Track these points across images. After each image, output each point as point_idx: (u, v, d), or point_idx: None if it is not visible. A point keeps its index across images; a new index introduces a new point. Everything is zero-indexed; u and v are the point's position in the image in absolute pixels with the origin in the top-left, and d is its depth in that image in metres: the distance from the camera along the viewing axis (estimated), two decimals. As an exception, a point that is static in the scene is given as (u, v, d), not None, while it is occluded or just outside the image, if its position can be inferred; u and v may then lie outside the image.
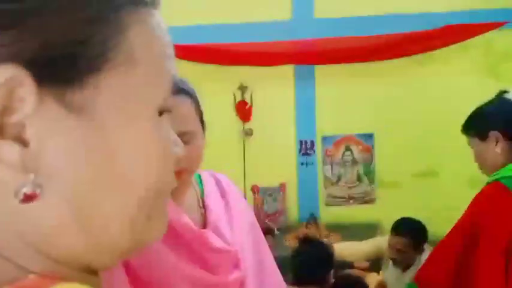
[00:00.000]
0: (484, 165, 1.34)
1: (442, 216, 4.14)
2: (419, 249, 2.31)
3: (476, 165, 1.36)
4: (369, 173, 4.47)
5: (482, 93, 4.53)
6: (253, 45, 4.22)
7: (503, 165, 1.22)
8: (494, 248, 1.08)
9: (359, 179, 4.49)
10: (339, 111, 4.45)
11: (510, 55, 4.20)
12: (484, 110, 1.36)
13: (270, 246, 1.88)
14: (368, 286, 1.89)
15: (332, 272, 2.07)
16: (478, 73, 4.24)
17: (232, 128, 4.49)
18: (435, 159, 4.38)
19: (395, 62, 4.23)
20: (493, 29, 4.02)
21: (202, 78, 4.47)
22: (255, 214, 4.40)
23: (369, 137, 4.46)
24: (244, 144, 4.48)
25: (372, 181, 4.48)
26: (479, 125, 1.34)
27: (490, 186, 1.20)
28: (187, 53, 4.26)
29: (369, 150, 4.46)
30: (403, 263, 2.33)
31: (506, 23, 4.01)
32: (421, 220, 2.45)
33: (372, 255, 2.62)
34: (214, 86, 4.49)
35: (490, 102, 1.37)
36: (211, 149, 4.46)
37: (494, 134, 1.27)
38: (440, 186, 4.36)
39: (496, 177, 1.20)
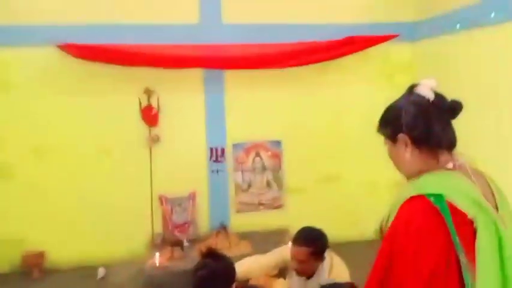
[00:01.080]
0: (398, 167, 1.21)
1: (344, 220, 4.39)
2: (320, 258, 2.30)
3: (375, 170, 1.32)
4: (278, 179, 4.55)
5: (381, 101, 4.94)
6: (159, 47, 4.04)
7: (418, 171, 1.12)
8: (418, 273, 0.98)
9: (268, 185, 4.54)
10: (248, 118, 4.46)
11: (404, 65, 4.61)
12: (391, 109, 1.20)
13: (178, 258, 1.79)
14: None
15: (234, 286, 1.99)
16: (377, 81, 4.58)
17: (137, 133, 4.24)
18: (337, 164, 4.60)
19: (302, 69, 4.37)
20: (385, 41, 4.35)
21: (105, 80, 4.18)
22: (163, 225, 4.22)
23: (277, 143, 4.53)
24: (150, 151, 4.26)
25: (280, 187, 4.55)
26: (388, 125, 1.19)
27: (416, 200, 1.05)
28: (88, 52, 3.94)
29: (278, 157, 4.54)
30: (305, 273, 2.33)
31: (397, 35, 4.38)
32: (320, 228, 2.42)
33: (280, 264, 2.58)
34: (118, 89, 4.22)
35: (400, 99, 1.20)
36: (115, 155, 4.22)
37: (403, 138, 1.14)
38: (341, 191, 4.59)
39: (421, 191, 1.06)
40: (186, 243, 3.95)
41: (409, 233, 1.01)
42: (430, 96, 1.12)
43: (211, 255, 1.91)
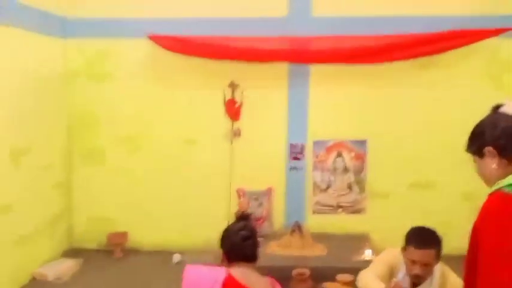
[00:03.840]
0: (484, 179, 1.37)
1: (438, 230, 4.08)
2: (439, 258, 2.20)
3: (472, 179, 1.37)
4: (360, 181, 4.38)
5: (484, 104, 4.49)
6: (245, 40, 4.11)
7: (502, 178, 1.26)
8: (491, 254, 1.09)
9: (349, 187, 4.40)
10: (332, 115, 4.36)
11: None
12: (479, 127, 1.40)
13: None
14: None
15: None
16: (482, 82, 4.17)
17: (220, 127, 4.38)
18: (431, 170, 4.30)
19: (396, 65, 4.15)
20: (495, 35, 3.94)
21: (193, 72, 4.38)
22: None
23: (362, 143, 4.37)
24: (232, 145, 4.37)
25: (362, 190, 4.39)
26: (475, 143, 1.39)
27: (491, 196, 1.22)
28: (176, 44, 4.15)
29: (361, 158, 4.37)
30: (425, 278, 2.17)
31: (510, 29, 3.94)
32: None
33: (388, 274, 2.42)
34: (205, 82, 4.40)
35: (485, 118, 1.41)
36: (199, 146, 4.42)
37: (489, 151, 1.32)
38: (431, 199, 4.28)
39: (497, 186, 1.22)
40: (260, 239, 4.00)
41: (488, 222, 1.13)
42: None
43: (245, 217, 2.26)
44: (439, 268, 2.23)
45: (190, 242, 4.25)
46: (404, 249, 2.22)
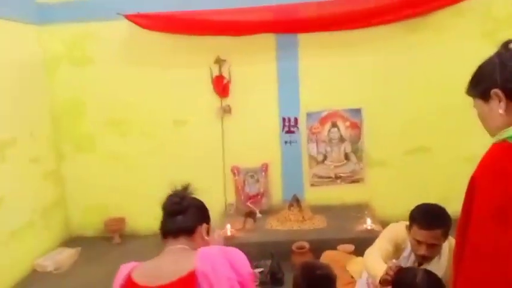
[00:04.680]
0: (487, 127, 1.22)
1: (433, 197, 4.07)
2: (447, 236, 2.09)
3: (472, 142, 1.24)
4: (357, 150, 4.35)
5: (478, 63, 4.41)
6: (228, 13, 4.00)
7: (508, 125, 1.12)
8: (486, 206, 1.01)
9: (346, 157, 4.36)
10: (324, 85, 4.28)
11: (509, 20, 4.04)
12: (486, 66, 1.22)
13: (250, 229, 1.76)
14: (335, 277, 1.70)
15: None
16: (476, 40, 4.07)
17: (210, 104, 4.31)
18: (427, 136, 4.26)
19: (386, 28, 4.06)
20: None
21: (175, 50, 4.27)
22: (236, 196, 4.31)
23: (357, 112, 4.31)
24: (222, 122, 4.31)
25: (360, 159, 4.36)
26: (481, 84, 1.21)
27: (495, 145, 1.11)
28: (156, 22, 4.03)
29: (357, 127, 4.32)
30: (432, 258, 2.09)
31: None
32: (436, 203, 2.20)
33: (394, 251, 2.35)
34: (188, 60, 4.30)
35: (494, 56, 1.20)
36: (189, 126, 4.36)
37: (496, 93, 1.15)
38: (431, 165, 4.26)
39: (502, 136, 1.10)
40: (258, 215, 4.00)
41: (487, 173, 1.03)
42: None
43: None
44: (447, 244, 2.13)
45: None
46: (409, 227, 2.13)
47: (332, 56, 4.24)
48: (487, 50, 4.08)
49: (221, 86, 4.28)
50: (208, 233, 1.56)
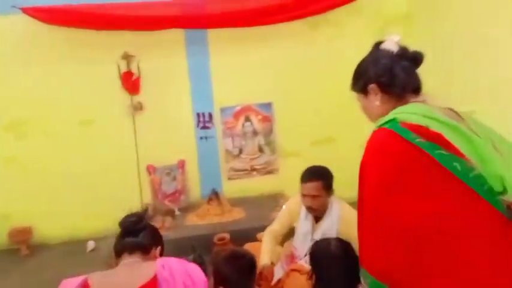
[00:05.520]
0: (369, 117, 1.42)
1: (340, 183, 4.44)
2: (330, 192, 2.42)
3: (369, 131, 1.42)
4: (270, 143, 4.57)
5: None
6: (133, 7, 3.93)
7: (384, 113, 1.29)
8: (373, 181, 1.18)
9: (260, 149, 4.56)
10: (235, 80, 4.43)
11: (398, 18, 4.54)
12: (361, 65, 1.43)
13: (169, 227, 1.80)
14: (255, 262, 1.84)
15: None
16: (369, 36, 4.48)
17: (119, 102, 4.21)
18: (332, 126, 4.61)
19: (291, 25, 4.32)
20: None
21: (77, 46, 4.10)
22: (152, 195, 4.27)
23: (268, 106, 4.52)
24: (134, 120, 4.24)
25: (273, 151, 4.58)
26: (359, 81, 1.41)
27: (375, 132, 1.24)
28: (55, 16, 3.83)
29: (269, 120, 4.54)
30: (318, 210, 2.41)
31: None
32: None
33: (289, 223, 2.66)
34: (93, 56, 4.15)
35: (367, 56, 1.42)
36: (97, 126, 4.20)
37: (372, 88, 1.35)
38: (337, 154, 4.62)
39: (379, 124, 1.24)
40: (177, 212, 4.02)
41: (371, 157, 1.20)
42: (395, 48, 1.35)
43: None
44: (336, 202, 2.46)
45: (103, 227, 4.10)
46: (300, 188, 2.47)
47: (241, 51, 4.40)
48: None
49: (130, 83, 4.21)
50: (161, 255, 1.63)
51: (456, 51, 3.86)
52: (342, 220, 2.38)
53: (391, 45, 1.36)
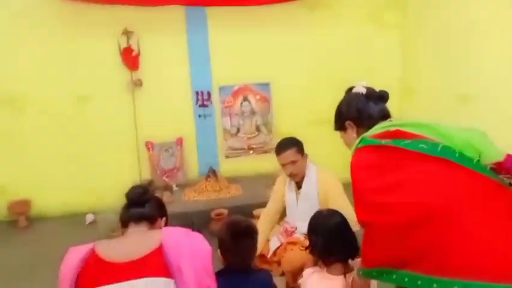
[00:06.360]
0: (350, 148, 1.67)
1: (337, 163, 4.56)
2: (304, 155, 2.67)
3: None
4: (267, 123, 4.68)
5: (368, 42, 4.91)
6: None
7: None
8: (362, 197, 1.44)
9: (258, 129, 4.68)
10: (234, 60, 4.52)
11: (393, 3, 4.63)
12: (338, 107, 1.76)
13: (168, 202, 1.88)
14: (257, 229, 1.98)
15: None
16: (365, 21, 4.61)
17: (119, 78, 4.28)
18: (328, 107, 4.67)
19: (288, 6, 4.42)
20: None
21: (79, 21, 4.14)
22: (151, 171, 4.35)
23: (266, 86, 4.62)
24: (133, 96, 4.31)
25: (270, 131, 4.70)
26: (338, 120, 1.74)
27: (352, 157, 1.54)
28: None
29: (267, 100, 4.64)
30: (299, 174, 2.65)
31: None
32: None
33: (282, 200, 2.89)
34: (93, 31, 4.21)
35: (342, 99, 1.76)
36: (97, 101, 4.29)
37: (349, 124, 1.68)
38: (333, 133, 4.73)
39: (354, 147, 1.56)
40: (175, 188, 4.15)
41: (351, 172, 1.49)
42: (363, 91, 1.68)
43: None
44: (312, 165, 2.72)
45: (102, 202, 4.22)
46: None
47: (240, 31, 4.48)
48: (374, 29, 4.75)
49: (130, 59, 4.27)
50: (166, 226, 1.72)
51: (451, 35, 3.97)
52: (319, 182, 2.66)
53: (359, 88, 1.69)
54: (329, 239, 1.79)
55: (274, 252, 2.61)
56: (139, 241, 1.51)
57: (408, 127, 1.43)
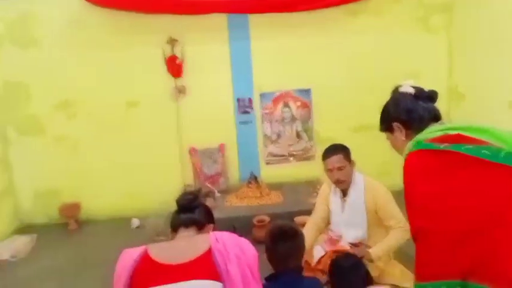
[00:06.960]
0: (397, 150, 1.67)
1: (377, 170, 4.53)
2: (352, 162, 2.69)
3: None
4: (308, 129, 4.69)
5: (414, 47, 4.81)
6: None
7: None
8: (416, 204, 1.43)
9: (298, 135, 4.70)
10: (275, 66, 4.57)
11: (439, 6, 4.52)
12: (385, 108, 1.70)
13: (211, 208, 1.97)
14: (302, 233, 2.03)
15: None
16: (410, 25, 4.53)
17: (163, 85, 4.44)
18: (370, 113, 4.63)
19: (330, 11, 4.41)
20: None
21: (126, 29, 4.34)
22: (194, 177, 4.46)
23: (307, 92, 4.64)
24: (177, 103, 4.46)
25: (310, 137, 4.71)
26: (384, 122, 1.69)
27: (406, 159, 1.50)
28: None
29: (307, 106, 4.66)
30: (345, 181, 2.66)
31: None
32: None
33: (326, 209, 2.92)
34: (140, 39, 4.40)
35: (389, 99, 1.70)
36: (143, 108, 4.45)
37: (396, 126, 1.62)
38: (374, 141, 4.66)
39: (407, 151, 1.52)
40: (217, 194, 4.24)
41: (404, 177, 1.47)
42: (411, 91, 1.62)
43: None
44: (359, 174, 2.73)
45: (147, 206, 4.39)
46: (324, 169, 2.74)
47: (282, 37, 4.53)
48: (420, 33, 4.66)
49: (175, 66, 4.42)
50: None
51: (498, 40, 3.84)
52: (367, 190, 2.67)
53: (407, 88, 1.64)
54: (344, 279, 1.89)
55: (319, 261, 2.63)
56: (189, 245, 1.60)
57: (470, 131, 1.39)
